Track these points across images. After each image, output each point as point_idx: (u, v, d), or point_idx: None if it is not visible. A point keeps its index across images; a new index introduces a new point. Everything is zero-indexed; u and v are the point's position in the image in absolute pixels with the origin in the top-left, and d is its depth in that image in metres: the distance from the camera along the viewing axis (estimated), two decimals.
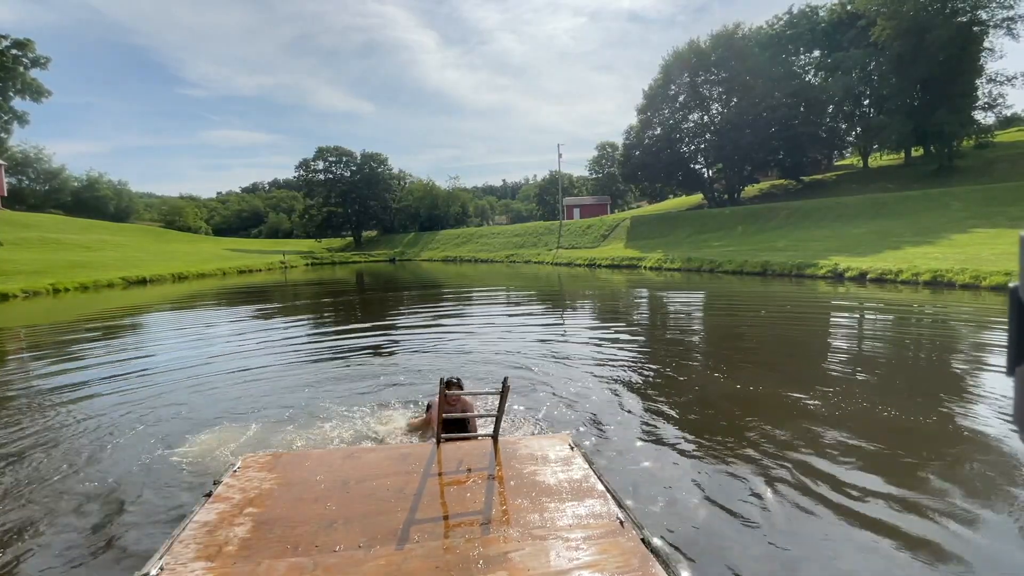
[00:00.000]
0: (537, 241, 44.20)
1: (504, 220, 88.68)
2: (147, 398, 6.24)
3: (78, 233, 37.47)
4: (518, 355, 7.94)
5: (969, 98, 32.12)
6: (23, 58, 41.32)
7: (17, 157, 52.61)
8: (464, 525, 2.62)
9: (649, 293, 16.92)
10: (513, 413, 5.16)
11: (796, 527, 3.11)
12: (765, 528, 3.12)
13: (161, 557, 2.39)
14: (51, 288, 21.63)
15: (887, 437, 4.34)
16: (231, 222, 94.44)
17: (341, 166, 65.90)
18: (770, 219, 30.44)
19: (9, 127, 44.23)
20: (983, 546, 2.85)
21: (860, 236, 21.42)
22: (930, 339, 8.52)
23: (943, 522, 3.08)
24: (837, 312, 11.61)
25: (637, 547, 2.39)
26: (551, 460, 3.34)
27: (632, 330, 10.17)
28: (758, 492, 3.54)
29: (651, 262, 26.43)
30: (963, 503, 3.28)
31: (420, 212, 67.05)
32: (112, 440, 4.91)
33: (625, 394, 5.83)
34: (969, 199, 23.91)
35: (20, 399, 6.39)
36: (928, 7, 30.72)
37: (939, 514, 3.17)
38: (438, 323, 11.80)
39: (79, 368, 7.83)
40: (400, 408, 5.60)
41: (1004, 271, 12.79)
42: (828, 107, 39.34)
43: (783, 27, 40.11)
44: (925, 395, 5.45)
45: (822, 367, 6.72)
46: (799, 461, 3.96)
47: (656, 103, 43.34)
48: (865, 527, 3.06)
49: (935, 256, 15.88)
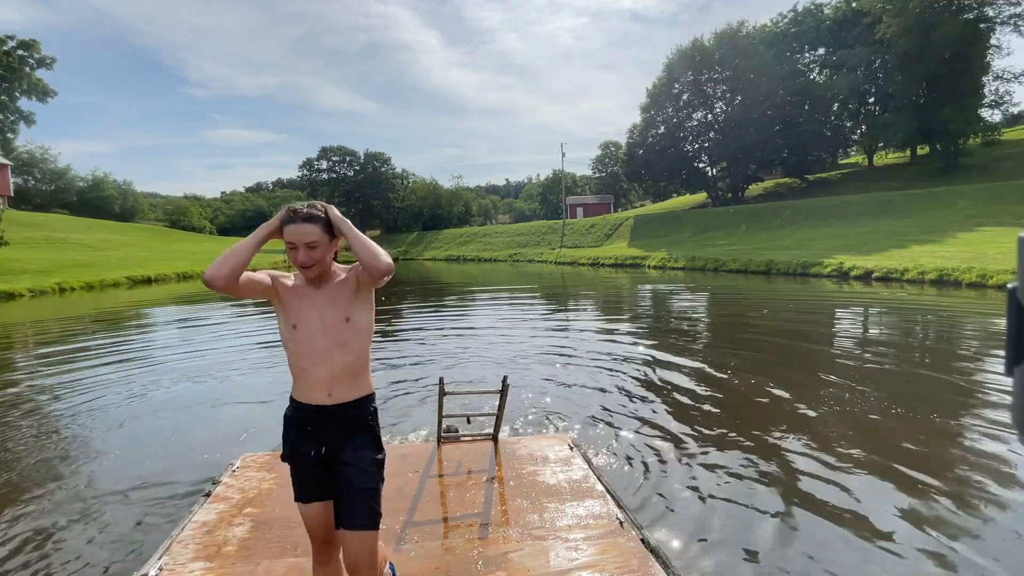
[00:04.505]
0: (540, 240, 44.16)
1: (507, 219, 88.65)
2: (147, 396, 6.26)
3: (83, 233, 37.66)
4: (519, 354, 7.93)
5: (975, 96, 31.88)
6: (29, 58, 41.55)
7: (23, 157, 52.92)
8: (464, 525, 2.62)
9: (652, 292, 16.88)
10: (513, 413, 5.15)
11: (797, 527, 3.09)
12: (766, 528, 3.10)
13: (160, 557, 2.40)
14: (57, 287, 21.76)
15: (888, 437, 4.30)
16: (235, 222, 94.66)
17: (344, 166, 66.08)
18: (774, 218, 30.31)
19: (15, 127, 44.52)
20: (983, 546, 2.83)
21: (865, 235, 21.30)
22: (935, 338, 8.47)
23: (943, 522, 3.05)
24: (842, 311, 11.55)
25: (636, 547, 2.38)
26: (551, 460, 3.33)
27: (634, 329, 10.14)
28: (759, 492, 3.52)
29: (655, 261, 26.36)
30: (963, 503, 3.25)
31: (423, 211, 67.15)
32: (111, 438, 4.93)
33: (626, 394, 5.81)
34: (975, 197, 23.73)
35: (20, 398, 6.43)
36: (934, 4, 30.48)
37: (940, 514, 3.14)
38: (439, 321, 11.81)
39: (79, 367, 7.86)
40: (400, 408, 5.60)
41: (1011, 270, 12.69)
42: (833, 105, 39.12)
43: (787, 25, 39.92)
44: (929, 395, 5.41)
45: (826, 366, 6.68)
46: (801, 461, 3.93)
47: (660, 101, 43.22)
48: (866, 527, 3.04)
49: (941, 255, 15.78)
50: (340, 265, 1.90)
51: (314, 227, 1.70)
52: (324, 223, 1.73)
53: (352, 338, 1.79)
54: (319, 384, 1.77)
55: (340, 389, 1.79)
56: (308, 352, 1.76)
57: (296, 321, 1.77)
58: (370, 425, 1.87)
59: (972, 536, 2.93)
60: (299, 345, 1.77)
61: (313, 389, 1.78)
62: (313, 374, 1.77)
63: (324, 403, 1.78)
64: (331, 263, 1.84)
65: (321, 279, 1.80)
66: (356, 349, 1.81)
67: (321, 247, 1.73)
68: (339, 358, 1.77)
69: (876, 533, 2.99)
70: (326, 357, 1.76)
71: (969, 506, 3.24)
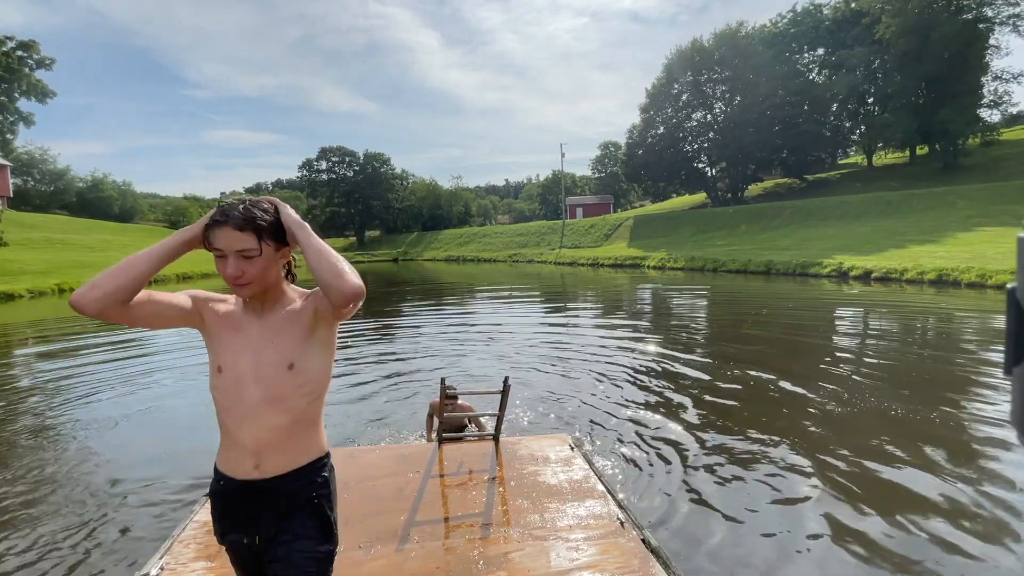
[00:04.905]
0: (540, 240, 44.17)
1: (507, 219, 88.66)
2: (147, 395, 6.26)
3: (83, 233, 37.62)
4: (520, 354, 7.93)
5: (974, 96, 31.91)
6: (28, 59, 41.57)
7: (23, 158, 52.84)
8: (464, 526, 2.62)
9: (652, 292, 16.88)
10: (514, 413, 5.16)
11: (798, 527, 3.09)
12: (767, 528, 3.10)
13: (161, 557, 2.39)
14: (57, 288, 21.75)
15: (888, 437, 4.31)
16: None
17: (344, 166, 66.04)
18: (774, 218, 30.33)
19: (15, 128, 44.52)
20: (983, 547, 2.83)
21: (865, 235, 21.32)
22: (935, 338, 8.47)
23: (943, 522, 3.06)
24: (842, 311, 11.56)
25: (637, 547, 2.38)
26: (551, 460, 3.33)
27: (634, 329, 10.15)
28: (760, 492, 3.52)
29: (654, 261, 26.38)
30: (963, 503, 3.26)
31: (423, 212, 67.14)
32: (111, 438, 4.93)
33: (626, 394, 5.82)
34: (975, 197, 23.76)
35: (20, 396, 6.42)
36: (933, 4, 30.53)
37: (940, 514, 3.15)
38: (440, 321, 11.81)
39: (79, 366, 7.86)
40: (400, 408, 5.60)
41: (1010, 270, 12.68)
42: (832, 105, 39.15)
43: (787, 25, 39.96)
44: (928, 394, 5.41)
45: (826, 367, 6.68)
46: (803, 461, 3.94)
47: (659, 102, 43.24)
48: (866, 527, 3.05)
49: (940, 255, 15.79)
50: (298, 289, 1.43)
51: (248, 233, 1.24)
52: (268, 228, 1.26)
53: (294, 392, 1.30)
54: (243, 452, 1.31)
55: (272, 460, 1.31)
56: (233, 406, 1.30)
57: (222, 362, 1.32)
58: (315, 504, 1.36)
59: (973, 536, 2.93)
60: (223, 396, 1.31)
61: (238, 457, 1.32)
62: (237, 437, 1.31)
63: (250, 477, 1.31)
64: (279, 282, 1.36)
65: (265, 305, 1.35)
66: (297, 408, 1.31)
67: (261, 260, 1.26)
68: (271, 419, 1.29)
69: (877, 533, 2.99)
70: (255, 415, 1.29)
71: (969, 505, 3.24)
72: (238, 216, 1.24)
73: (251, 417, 1.29)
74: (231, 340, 1.33)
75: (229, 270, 1.25)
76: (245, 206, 1.26)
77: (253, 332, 1.33)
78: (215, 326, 1.35)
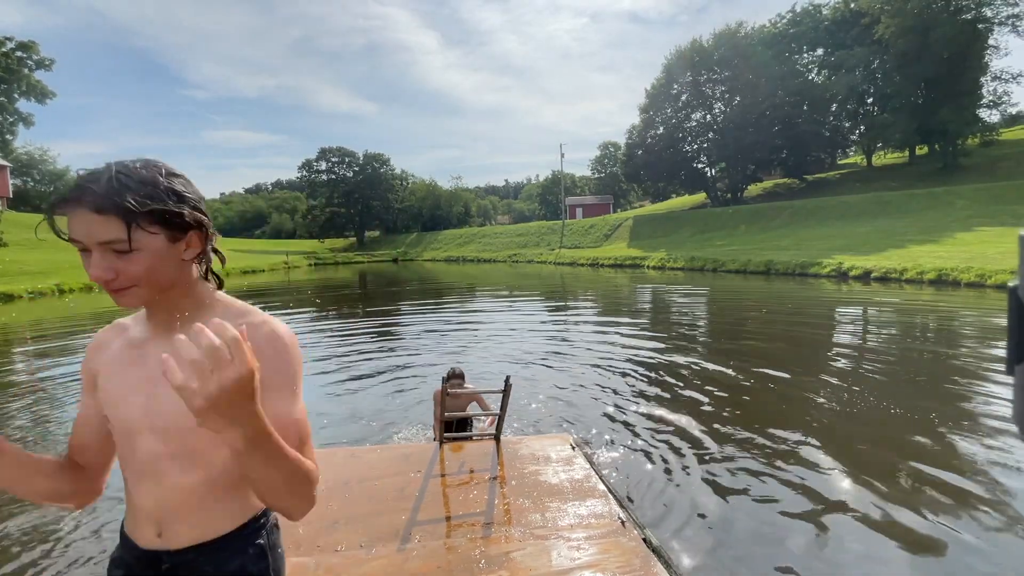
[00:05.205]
0: (540, 241, 44.19)
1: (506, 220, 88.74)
2: None
3: None
4: (520, 354, 7.93)
5: (974, 96, 31.97)
6: (28, 60, 41.52)
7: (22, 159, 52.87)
8: (466, 525, 2.62)
9: (652, 292, 16.89)
10: (515, 412, 5.16)
11: (799, 527, 3.10)
12: (767, 528, 3.10)
13: None
14: (56, 288, 21.75)
15: (888, 436, 4.31)
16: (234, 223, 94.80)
17: (344, 167, 66.07)
18: (774, 218, 30.36)
19: (14, 129, 44.47)
20: (983, 547, 2.83)
21: (864, 235, 21.34)
22: (935, 337, 8.48)
23: (943, 522, 3.06)
24: (842, 311, 11.57)
25: (639, 547, 2.38)
26: (553, 460, 3.34)
27: (635, 329, 10.15)
28: (761, 492, 3.52)
29: (654, 261, 26.39)
30: (963, 502, 3.26)
31: (423, 212, 67.21)
32: None
33: (627, 393, 5.82)
34: (974, 197, 23.78)
35: (20, 396, 6.42)
36: (932, 4, 30.57)
37: (939, 514, 3.15)
38: (441, 321, 11.81)
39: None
40: (401, 408, 5.60)
41: (1009, 269, 12.72)
42: (831, 105, 39.20)
43: (786, 25, 40.01)
44: (929, 394, 5.42)
45: (827, 366, 6.69)
46: (803, 461, 3.94)
47: (658, 102, 43.30)
48: (866, 527, 3.05)
49: (940, 255, 15.81)
50: (226, 298, 1.02)
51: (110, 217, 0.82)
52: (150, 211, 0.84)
53: (208, 443, 0.92)
54: (143, 516, 0.97)
55: (177, 528, 0.96)
56: (126, 460, 0.97)
57: (108, 410, 0.97)
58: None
59: (973, 536, 2.93)
60: (118, 446, 0.98)
61: (138, 522, 0.98)
62: (134, 496, 0.97)
63: (153, 547, 0.97)
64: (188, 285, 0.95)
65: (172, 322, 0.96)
66: (215, 463, 0.94)
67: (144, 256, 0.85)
68: (175, 478, 0.94)
69: (878, 532, 3.00)
70: (153, 474, 0.94)
71: (969, 506, 3.24)
72: (96, 192, 0.81)
73: (149, 475, 0.94)
74: (121, 379, 0.96)
75: (93, 270, 0.84)
76: (113, 175, 0.83)
77: (151, 364, 0.94)
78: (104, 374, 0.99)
